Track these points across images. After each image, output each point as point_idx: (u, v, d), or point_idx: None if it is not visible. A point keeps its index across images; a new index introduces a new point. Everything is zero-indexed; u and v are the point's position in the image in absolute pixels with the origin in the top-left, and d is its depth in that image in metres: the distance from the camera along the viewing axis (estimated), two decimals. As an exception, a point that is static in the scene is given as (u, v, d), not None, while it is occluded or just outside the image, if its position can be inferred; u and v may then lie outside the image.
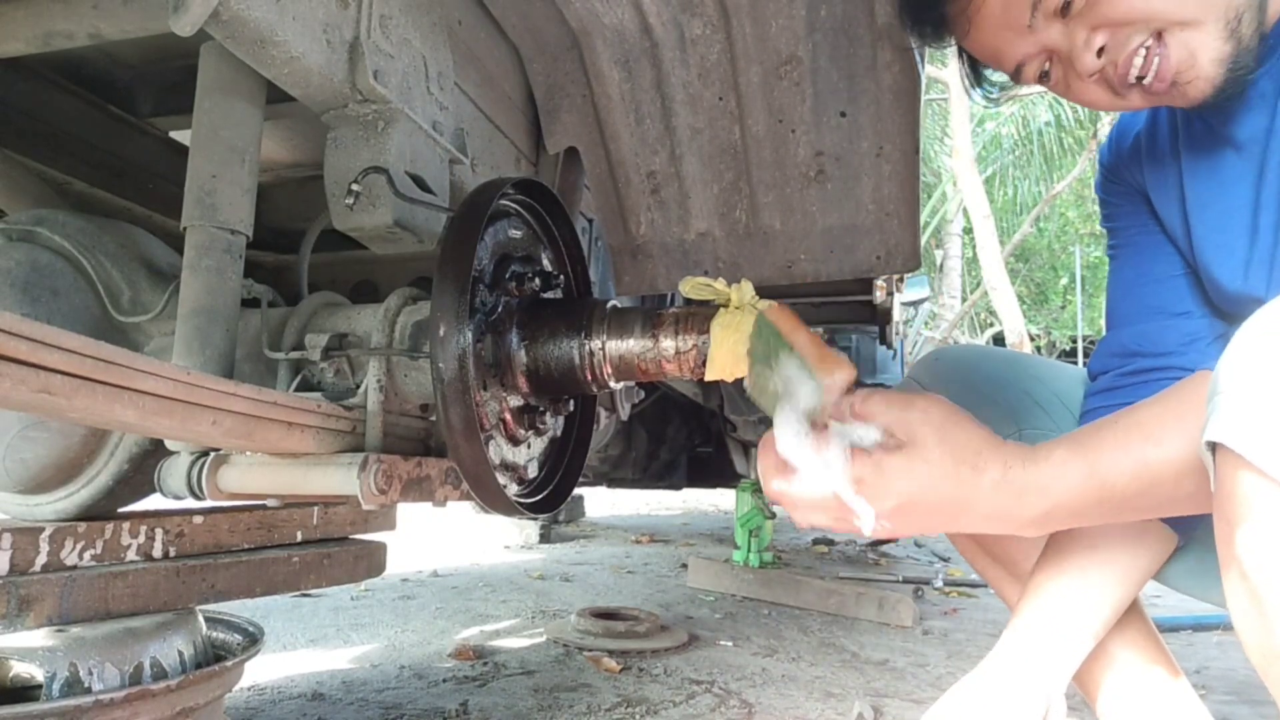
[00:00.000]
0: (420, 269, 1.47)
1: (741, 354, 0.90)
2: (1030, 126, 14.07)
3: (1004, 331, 9.39)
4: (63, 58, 1.19)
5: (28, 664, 0.88)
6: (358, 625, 2.47)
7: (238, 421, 0.79)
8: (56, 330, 0.59)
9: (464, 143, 1.19)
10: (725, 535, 5.52)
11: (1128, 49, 0.87)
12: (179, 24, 0.74)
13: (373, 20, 0.97)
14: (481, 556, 4.14)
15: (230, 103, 0.97)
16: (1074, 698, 1.92)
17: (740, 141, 1.47)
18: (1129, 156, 1.11)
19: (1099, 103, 0.95)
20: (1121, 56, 0.87)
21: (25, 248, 1.06)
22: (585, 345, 0.97)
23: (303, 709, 1.66)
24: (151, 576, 1.00)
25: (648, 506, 8.24)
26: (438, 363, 0.84)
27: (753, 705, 1.77)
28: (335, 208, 1.00)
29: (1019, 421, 1.16)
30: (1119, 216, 1.15)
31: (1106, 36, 0.87)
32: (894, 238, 1.49)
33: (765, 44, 1.36)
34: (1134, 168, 1.11)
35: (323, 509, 1.33)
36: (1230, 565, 0.62)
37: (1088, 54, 0.89)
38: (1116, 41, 0.87)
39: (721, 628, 2.60)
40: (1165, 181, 1.06)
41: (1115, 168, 1.14)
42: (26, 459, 1.06)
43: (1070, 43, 0.90)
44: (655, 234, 1.59)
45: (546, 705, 1.72)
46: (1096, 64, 0.89)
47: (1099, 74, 0.91)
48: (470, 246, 0.88)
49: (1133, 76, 0.88)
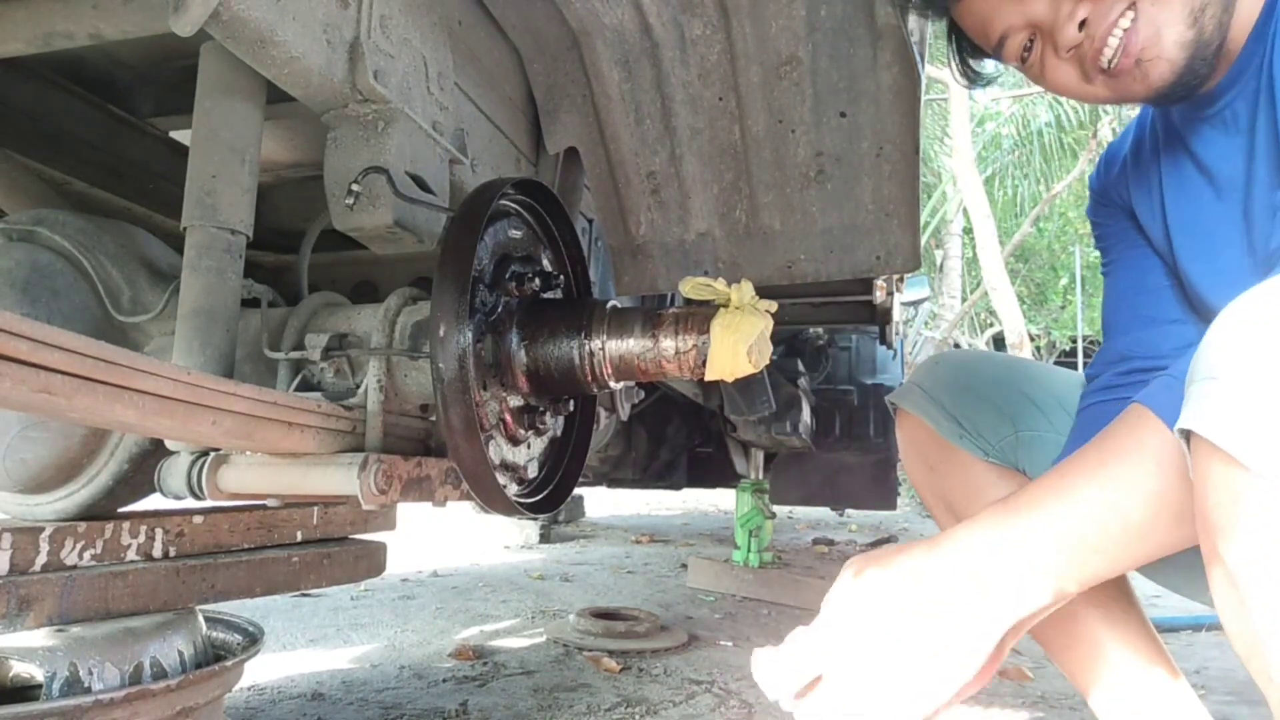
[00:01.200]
0: (420, 269, 1.47)
1: (741, 354, 0.90)
2: (1030, 127, 14.05)
3: (1004, 331, 9.38)
4: (63, 58, 1.19)
5: (28, 664, 0.88)
6: (358, 625, 2.47)
7: (238, 421, 0.79)
8: (57, 330, 0.59)
9: (464, 143, 1.19)
10: (725, 535, 5.52)
11: (1107, 21, 0.90)
12: (179, 24, 0.74)
13: (373, 20, 0.97)
14: (481, 556, 4.14)
15: (230, 103, 0.97)
16: (1072, 697, 1.92)
17: (740, 141, 1.47)
18: (1116, 179, 1.15)
19: (1068, 86, 0.98)
20: (1100, 30, 0.90)
21: (25, 248, 1.06)
22: (585, 345, 0.97)
23: (303, 709, 1.66)
24: (151, 576, 1.00)
25: (648, 506, 8.25)
26: (438, 363, 0.84)
27: (753, 705, 1.77)
28: (335, 208, 1.00)
29: (1016, 424, 1.17)
30: (1109, 236, 1.19)
31: (1089, 9, 0.90)
32: (894, 238, 1.49)
33: (765, 44, 1.36)
34: (1120, 188, 1.14)
35: (323, 509, 1.33)
36: (1212, 560, 0.62)
37: (1070, 25, 0.92)
38: (1099, 13, 0.90)
39: (721, 628, 2.60)
40: (1149, 197, 1.09)
41: (1103, 191, 1.18)
42: (26, 459, 1.06)
43: (1055, 14, 0.93)
44: (655, 234, 1.59)
45: (546, 705, 1.72)
46: (1077, 36, 0.92)
47: (1075, 51, 0.93)
48: (470, 246, 0.88)
49: (1105, 59, 0.91)
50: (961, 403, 1.18)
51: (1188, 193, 1.02)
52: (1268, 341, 0.58)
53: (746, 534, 3.88)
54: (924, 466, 1.23)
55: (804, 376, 3.56)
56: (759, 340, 0.91)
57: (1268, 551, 0.58)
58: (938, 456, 1.20)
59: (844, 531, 6.30)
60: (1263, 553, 0.58)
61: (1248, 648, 0.61)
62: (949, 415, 1.18)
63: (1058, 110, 13.19)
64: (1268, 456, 0.56)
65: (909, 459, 1.26)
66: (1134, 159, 1.12)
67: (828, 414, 4.24)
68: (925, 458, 1.22)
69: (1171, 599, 2.65)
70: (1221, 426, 0.58)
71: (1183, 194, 1.03)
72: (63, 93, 1.21)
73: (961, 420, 1.17)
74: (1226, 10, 0.88)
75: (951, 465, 1.18)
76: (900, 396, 1.26)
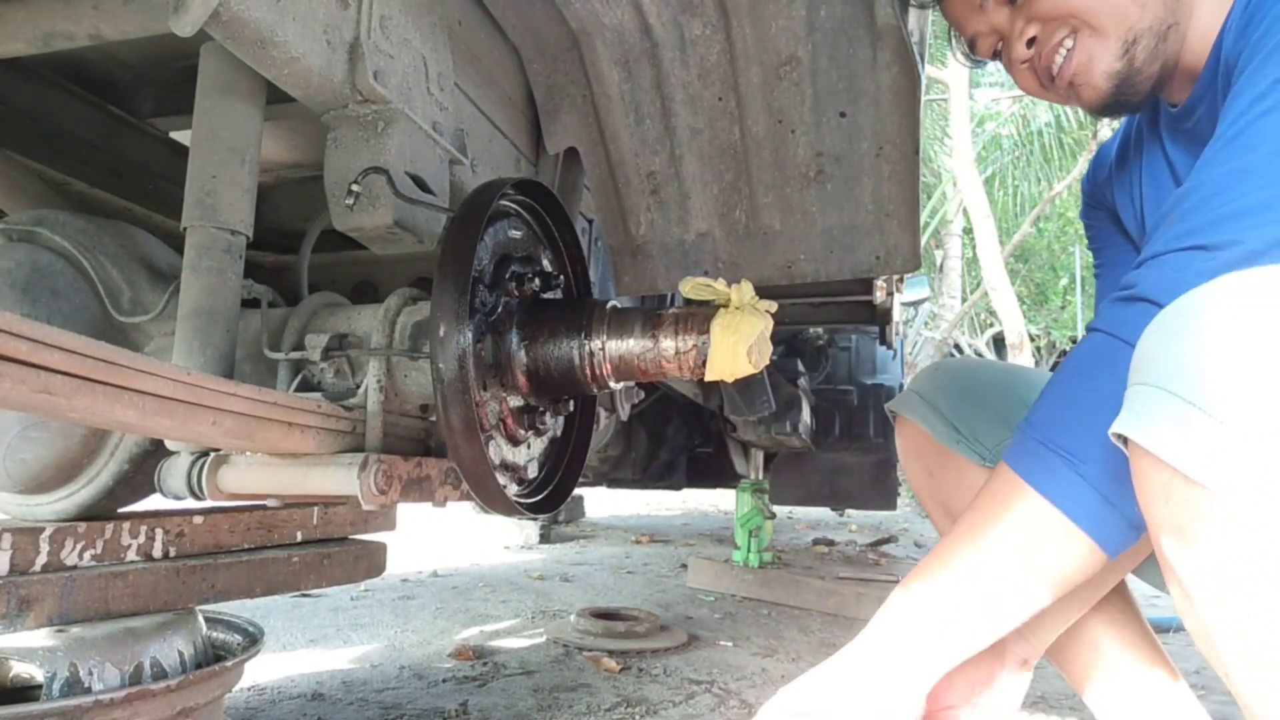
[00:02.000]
0: (420, 269, 1.47)
1: (741, 354, 0.90)
2: (1030, 127, 14.05)
3: (1004, 332, 9.37)
4: (63, 58, 1.19)
5: (28, 664, 0.88)
6: (358, 625, 2.47)
7: (238, 422, 0.79)
8: (57, 330, 0.59)
9: (464, 143, 1.19)
10: (725, 535, 5.52)
11: (1051, 42, 0.99)
12: (179, 24, 0.74)
13: (373, 21, 0.97)
14: (481, 556, 4.14)
15: (230, 103, 0.97)
16: (1072, 697, 1.92)
17: (740, 142, 1.47)
18: (1104, 182, 1.22)
19: (1030, 88, 1.07)
20: (1046, 49, 1.00)
21: (25, 248, 1.06)
22: (585, 345, 0.97)
23: (303, 709, 1.66)
24: (151, 576, 1.00)
25: (648, 506, 8.25)
26: (438, 363, 0.84)
27: (752, 705, 1.77)
28: (335, 208, 1.00)
29: (1012, 428, 1.17)
30: (1099, 238, 1.25)
31: (1038, 29, 0.99)
32: (894, 238, 1.49)
33: (765, 44, 1.36)
34: (1106, 190, 1.21)
35: (323, 509, 1.33)
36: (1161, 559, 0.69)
37: (1019, 43, 1.02)
38: (1045, 34, 0.99)
39: (721, 628, 2.60)
40: (1131, 199, 1.14)
41: (1092, 193, 1.25)
42: (27, 459, 1.06)
43: (1010, 29, 1.02)
44: (655, 234, 1.59)
45: (546, 705, 1.72)
46: (1026, 53, 1.02)
47: (1029, 63, 1.03)
48: (470, 247, 0.88)
49: (1052, 72, 1.00)
50: (959, 408, 1.19)
51: (1162, 196, 1.07)
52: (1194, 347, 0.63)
53: (746, 534, 3.88)
54: (923, 472, 1.24)
55: (804, 376, 3.57)
56: (759, 340, 0.91)
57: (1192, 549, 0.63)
58: (936, 462, 1.21)
59: (844, 531, 6.31)
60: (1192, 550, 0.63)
61: (1206, 648, 0.67)
62: (946, 421, 1.19)
63: (1058, 111, 13.18)
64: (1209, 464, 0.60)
65: (909, 464, 1.27)
66: (1119, 162, 1.18)
67: (827, 414, 4.24)
68: (924, 463, 1.24)
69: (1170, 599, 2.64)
70: (1141, 427, 0.64)
71: (1158, 197, 1.08)
72: (63, 93, 1.21)
73: (959, 425, 1.18)
74: (1164, 39, 0.94)
75: (949, 470, 1.20)
76: (899, 404, 1.27)
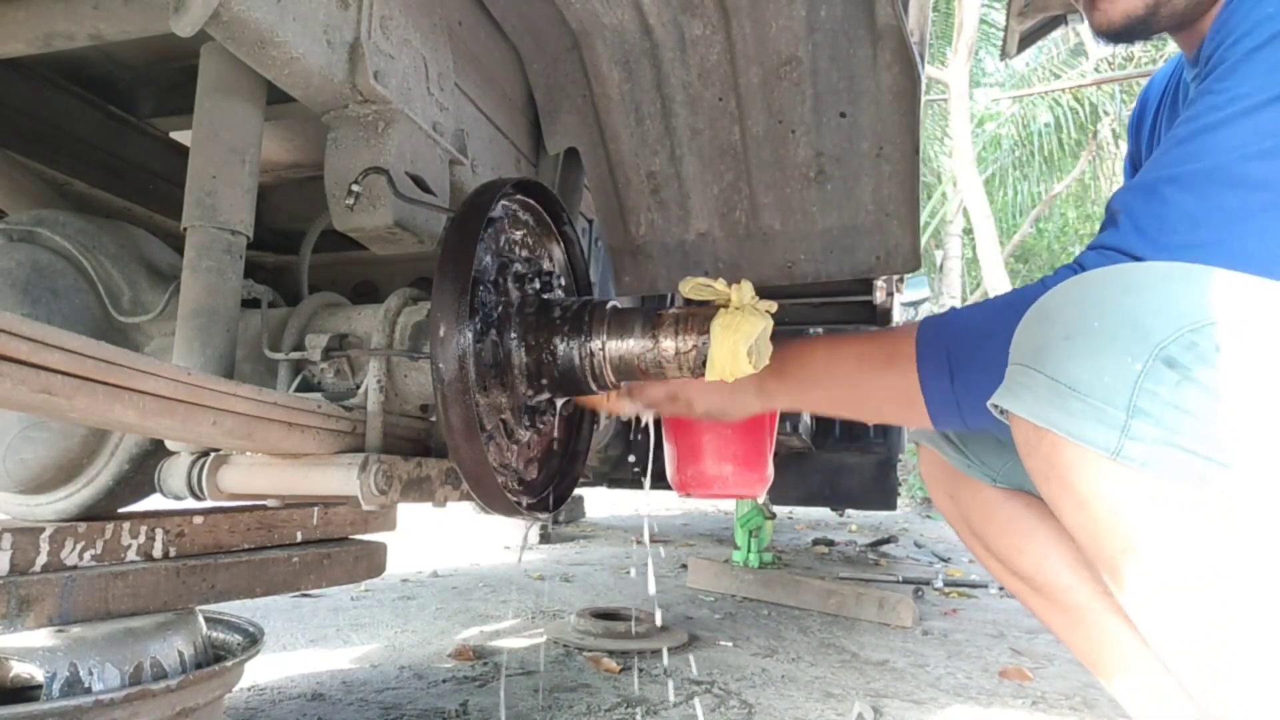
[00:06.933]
0: (420, 269, 1.47)
1: (741, 354, 0.90)
2: (1030, 128, 14.04)
3: (1004, 332, 9.35)
4: (63, 58, 1.19)
5: (28, 664, 0.88)
6: (358, 625, 2.47)
7: (238, 422, 0.79)
8: (57, 330, 0.59)
9: (464, 143, 1.19)
10: (725, 535, 5.52)
11: None
12: (179, 25, 0.74)
13: (373, 21, 0.97)
14: (481, 556, 4.13)
15: (230, 103, 0.97)
16: (1072, 697, 1.92)
17: (740, 142, 1.47)
18: (1134, 127, 1.27)
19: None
20: None
21: (26, 248, 1.06)
22: (585, 346, 0.97)
23: (303, 709, 1.66)
24: (151, 576, 1.00)
25: (648, 506, 8.24)
26: (438, 363, 0.84)
27: (752, 705, 1.77)
28: (335, 208, 1.00)
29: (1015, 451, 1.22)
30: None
31: None
32: (894, 238, 1.50)
33: (765, 45, 1.36)
34: (1133, 134, 1.26)
35: (323, 509, 1.33)
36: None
37: None
38: None
39: (721, 628, 2.60)
40: (1149, 146, 1.19)
41: (1130, 132, 1.30)
42: (27, 459, 1.06)
43: None
44: (655, 234, 1.59)
45: (546, 705, 1.72)
46: None
47: None
48: (470, 247, 0.88)
49: None
50: (965, 436, 1.25)
51: None
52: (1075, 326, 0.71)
53: (746, 534, 3.88)
54: (945, 495, 1.31)
55: (804, 377, 3.55)
56: (759, 340, 0.91)
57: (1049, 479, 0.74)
58: (954, 485, 1.28)
59: (844, 532, 6.30)
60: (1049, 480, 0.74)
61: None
62: (956, 448, 1.25)
63: (1057, 111, 13.18)
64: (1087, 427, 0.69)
65: (932, 489, 1.35)
66: (1140, 112, 1.23)
67: (828, 414, 4.23)
68: (945, 487, 1.31)
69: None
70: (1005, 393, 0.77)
71: None
72: (63, 93, 1.21)
73: (967, 453, 1.23)
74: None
75: (967, 493, 1.26)
76: (918, 433, 1.33)
